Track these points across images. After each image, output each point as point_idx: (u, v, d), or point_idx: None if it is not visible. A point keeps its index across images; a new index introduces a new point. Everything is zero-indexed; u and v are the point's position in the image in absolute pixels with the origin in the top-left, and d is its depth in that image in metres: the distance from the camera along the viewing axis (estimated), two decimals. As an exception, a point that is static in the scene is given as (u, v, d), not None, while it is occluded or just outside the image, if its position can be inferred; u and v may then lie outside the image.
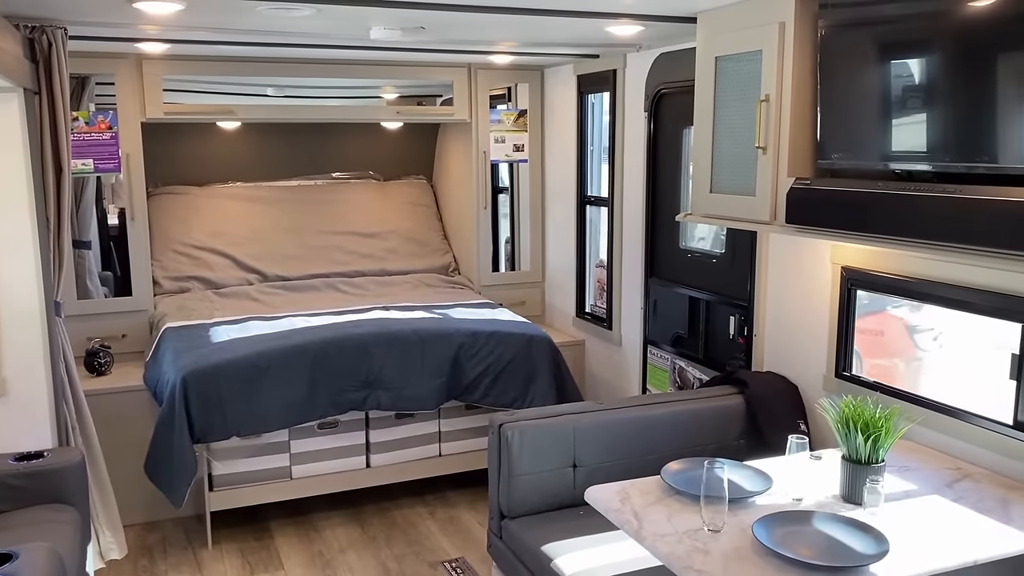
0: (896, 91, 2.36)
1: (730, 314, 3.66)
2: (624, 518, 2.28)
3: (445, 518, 4.14)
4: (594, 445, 3.03)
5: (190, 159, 5.27)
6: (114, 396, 3.98)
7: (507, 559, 2.94)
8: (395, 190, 5.55)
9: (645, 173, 4.13)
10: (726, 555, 2.05)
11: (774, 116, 2.67)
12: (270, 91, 5.60)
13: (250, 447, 3.90)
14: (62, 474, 2.97)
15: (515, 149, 5.08)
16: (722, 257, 3.73)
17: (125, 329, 4.47)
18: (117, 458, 3.75)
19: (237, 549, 3.86)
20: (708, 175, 3.01)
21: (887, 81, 2.39)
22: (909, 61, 2.36)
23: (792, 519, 2.18)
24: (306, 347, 3.79)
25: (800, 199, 2.58)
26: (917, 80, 2.31)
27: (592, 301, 4.86)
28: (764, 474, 2.47)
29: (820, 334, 3.12)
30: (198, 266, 4.90)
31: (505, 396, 4.04)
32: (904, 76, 2.36)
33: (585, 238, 4.84)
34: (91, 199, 4.90)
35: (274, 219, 5.18)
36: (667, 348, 4.09)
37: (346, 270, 5.09)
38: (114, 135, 4.26)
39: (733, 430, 3.20)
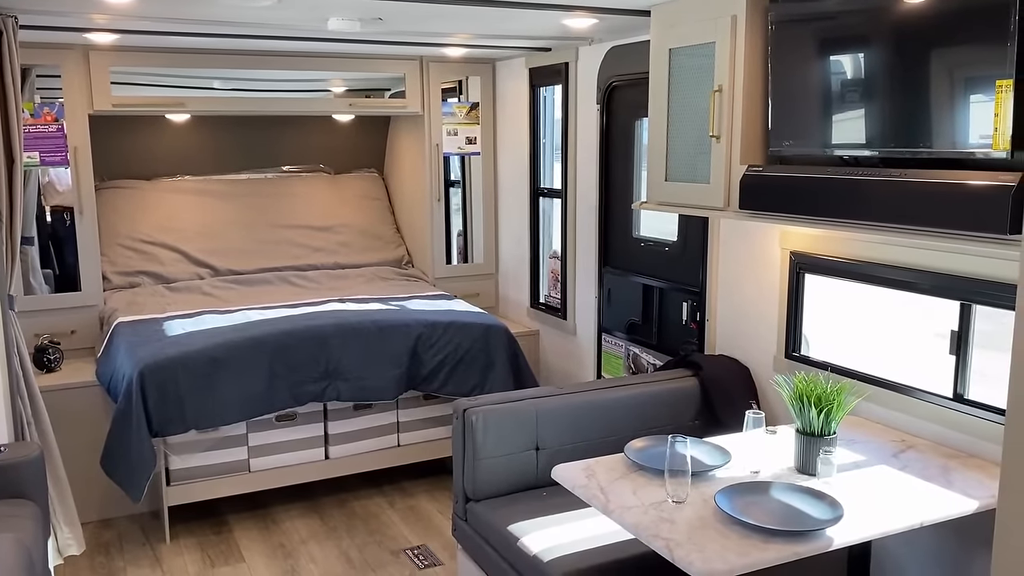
0: (842, 81, 2.48)
1: (683, 300, 3.76)
2: (591, 493, 2.35)
3: (405, 507, 4.17)
4: (556, 428, 3.10)
5: (138, 153, 5.19)
6: (66, 392, 3.92)
7: (473, 541, 2.99)
8: (346, 183, 5.55)
9: (598, 164, 4.22)
10: (691, 524, 2.13)
11: (727, 106, 2.77)
12: (216, 84, 5.55)
13: (208, 441, 3.87)
14: (20, 469, 2.92)
15: (467, 142, 5.12)
16: (674, 245, 3.84)
17: (74, 325, 4.39)
18: (70, 455, 3.68)
19: (196, 543, 3.84)
20: (663, 164, 3.11)
21: (833, 72, 2.51)
22: (853, 53, 2.48)
23: (751, 489, 2.28)
24: (264, 339, 3.79)
25: (752, 185, 2.69)
26: (861, 71, 2.44)
27: (546, 292, 4.94)
28: (723, 449, 2.57)
29: (770, 317, 3.25)
30: (148, 261, 4.83)
31: (464, 385, 4.09)
32: (849, 67, 2.48)
33: (539, 230, 4.91)
34: (33, 194, 4.79)
35: (225, 213, 5.14)
36: (621, 335, 4.19)
37: (299, 264, 5.08)
38: (61, 127, 4.18)
39: (688, 411, 3.31)
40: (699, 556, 1.98)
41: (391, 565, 3.63)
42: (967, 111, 2.13)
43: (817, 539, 2.05)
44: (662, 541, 2.05)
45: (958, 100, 2.16)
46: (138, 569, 3.61)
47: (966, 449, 2.58)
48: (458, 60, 4.98)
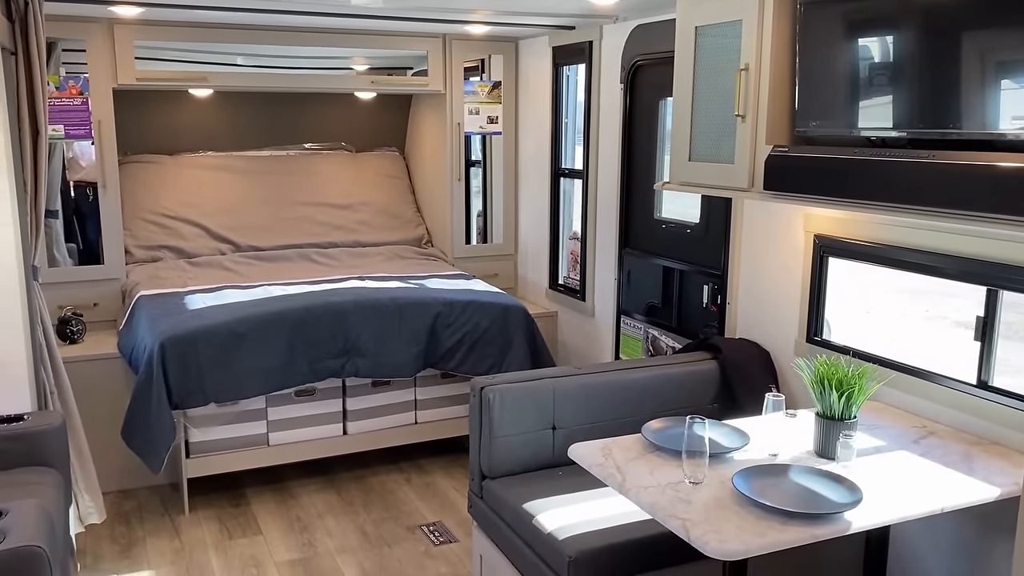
0: (871, 61, 2.44)
1: (704, 283, 3.74)
2: (607, 472, 2.34)
3: (421, 484, 4.19)
4: (573, 408, 3.09)
5: (161, 128, 5.21)
6: (88, 364, 3.96)
7: (488, 519, 3.00)
8: (368, 162, 5.54)
9: (620, 145, 4.18)
10: (707, 504, 2.12)
11: (753, 85, 2.73)
12: (240, 60, 5.55)
13: (227, 414, 3.90)
14: (43, 437, 2.95)
15: (489, 121, 5.10)
16: (696, 227, 3.81)
17: (97, 298, 4.43)
18: (91, 425, 3.73)
19: (214, 515, 3.88)
20: (687, 143, 3.07)
21: (862, 52, 2.47)
22: (883, 33, 2.43)
23: (769, 472, 2.26)
24: (284, 314, 3.80)
25: (778, 166, 2.65)
26: (890, 52, 2.39)
27: (565, 273, 4.92)
28: (741, 431, 2.55)
29: (792, 301, 3.22)
30: (170, 235, 4.86)
31: (481, 365, 4.09)
32: (878, 48, 2.43)
33: (559, 211, 4.89)
34: (58, 168, 4.83)
35: (246, 189, 5.15)
36: (640, 318, 4.17)
37: (319, 241, 5.09)
38: (85, 101, 4.21)
39: (707, 394, 3.29)
40: (715, 536, 1.97)
41: (407, 541, 3.66)
42: (998, 93, 2.09)
43: (835, 522, 2.03)
44: (678, 521, 2.05)
45: (989, 82, 2.12)
46: (157, 539, 3.65)
47: (989, 436, 2.55)
48: (481, 38, 4.95)
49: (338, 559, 3.51)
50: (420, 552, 3.57)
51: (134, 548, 3.58)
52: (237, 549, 3.58)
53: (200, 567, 3.43)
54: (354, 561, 3.49)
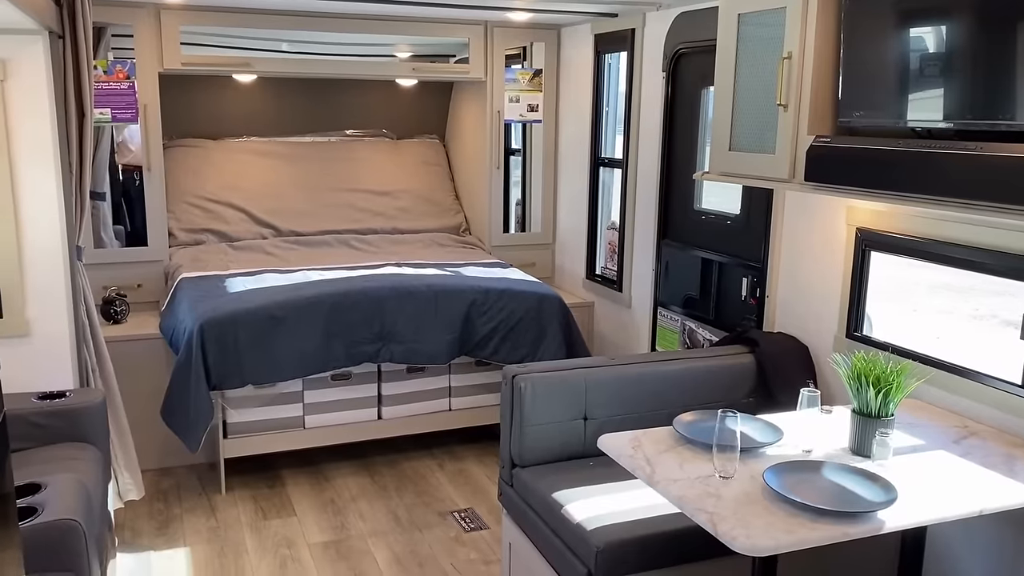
0: (919, 50, 2.37)
1: (743, 276, 3.68)
2: (636, 464, 2.32)
3: (454, 470, 4.21)
4: (605, 398, 3.07)
5: (206, 113, 5.28)
6: (130, 343, 4.04)
7: (518, 507, 3.00)
8: (408, 149, 5.56)
9: (661, 134, 4.14)
10: (737, 499, 2.09)
11: (796, 74, 2.67)
12: (284, 46, 5.60)
13: (264, 396, 3.96)
14: (84, 413, 3.02)
15: (529, 109, 5.08)
16: (736, 219, 3.75)
17: (140, 279, 4.52)
18: (132, 404, 3.81)
19: (250, 495, 3.94)
20: (727, 133, 3.02)
21: (910, 40, 2.40)
22: (932, 21, 2.36)
23: (802, 468, 2.22)
24: (322, 299, 3.83)
25: (820, 156, 2.60)
26: (940, 40, 2.32)
27: (603, 263, 4.89)
28: (775, 426, 2.51)
29: (832, 295, 3.15)
30: (213, 219, 4.93)
31: (515, 353, 4.09)
32: (927, 36, 2.36)
33: (597, 200, 4.86)
34: (106, 151, 4.93)
35: (289, 175, 5.21)
36: (677, 310, 4.12)
37: (359, 227, 5.12)
38: (132, 85, 4.28)
39: (743, 388, 3.24)
40: (743, 532, 1.94)
41: (438, 526, 3.67)
42: (1052, 83, 2.01)
43: (868, 521, 1.99)
44: (706, 515, 2.02)
45: (1044, 72, 2.04)
46: (194, 517, 3.72)
47: (1033, 438, 2.47)
48: (523, 25, 4.92)
49: (369, 542, 3.54)
50: (451, 538, 3.58)
51: (171, 525, 3.65)
52: (271, 529, 3.63)
53: (235, 546, 3.49)
54: (385, 544, 3.52)
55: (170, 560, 3.37)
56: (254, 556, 3.42)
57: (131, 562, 3.34)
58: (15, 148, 2.99)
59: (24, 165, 3.03)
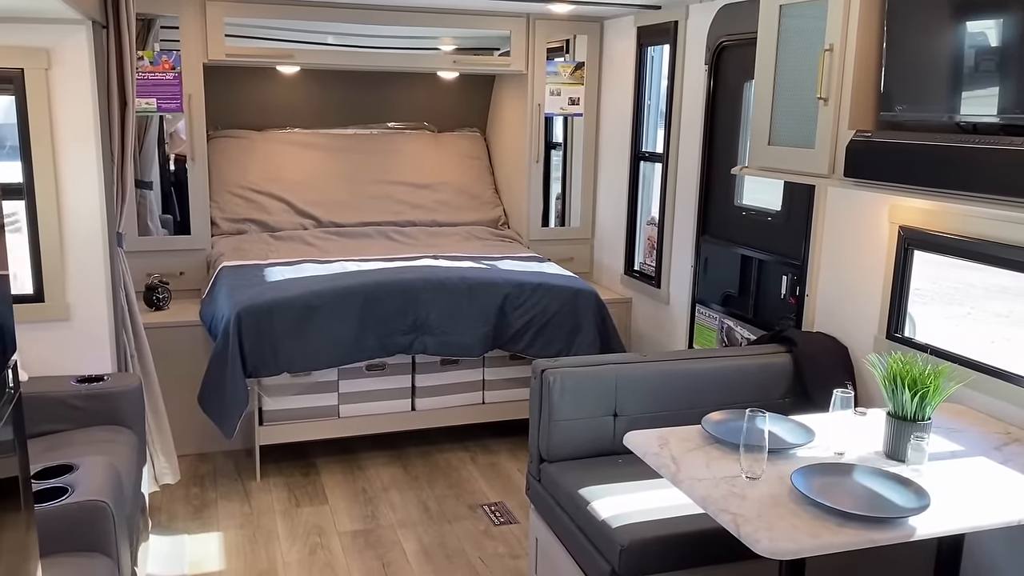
0: (967, 43, 2.28)
1: (783, 273, 3.61)
2: (662, 462, 2.29)
3: (486, 464, 4.20)
4: (636, 395, 3.03)
5: (250, 104, 5.34)
6: (171, 330, 4.11)
7: (544, 502, 2.98)
8: (449, 142, 5.56)
9: (703, 128, 4.07)
10: (762, 501, 2.05)
11: (837, 66, 2.60)
12: (331, 39, 5.63)
13: (300, 384, 4.00)
14: (121, 397, 3.08)
15: (570, 103, 5.04)
16: (777, 215, 3.67)
17: (183, 267, 4.59)
18: (172, 390, 3.88)
19: (284, 483, 3.98)
20: (767, 127, 2.96)
21: (958, 32, 2.31)
22: (981, 13, 2.27)
23: (832, 470, 2.16)
24: (356, 289, 3.85)
25: (860, 151, 2.52)
26: (989, 32, 2.23)
27: (641, 259, 4.84)
28: (806, 428, 2.46)
29: (873, 295, 3.07)
30: (255, 209, 4.99)
31: (549, 347, 4.06)
32: (976, 27, 2.27)
33: (637, 195, 4.80)
34: (153, 140, 5.02)
35: (330, 166, 5.25)
36: (716, 307, 4.06)
37: (398, 219, 5.14)
38: (177, 75, 4.34)
39: (779, 388, 3.18)
40: (767, 534, 1.89)
41: (467, 519, 3.67)
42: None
43: (897, 527, 1.93)
44: (730, 516, 1.98)
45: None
46: (228, 503, 3.77)
47: (1080, 447, 2.37)
48: (565, 18, 4.88)
49: (399, 532, 3.55)
50: (479, 531, 3.58)
51: (206, 510, 3.71)
52: (303, 517, 3.66)
53: (266, 532, 3.53)
54: (414, 535, 3.53)
55: (203, 544, 3.42)
56: (285, 543, 3.45)
57: (165, 545, 3.40)
58: (58, 135, 3.06)
59: (67, 153, 3.09)
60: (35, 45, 2.97)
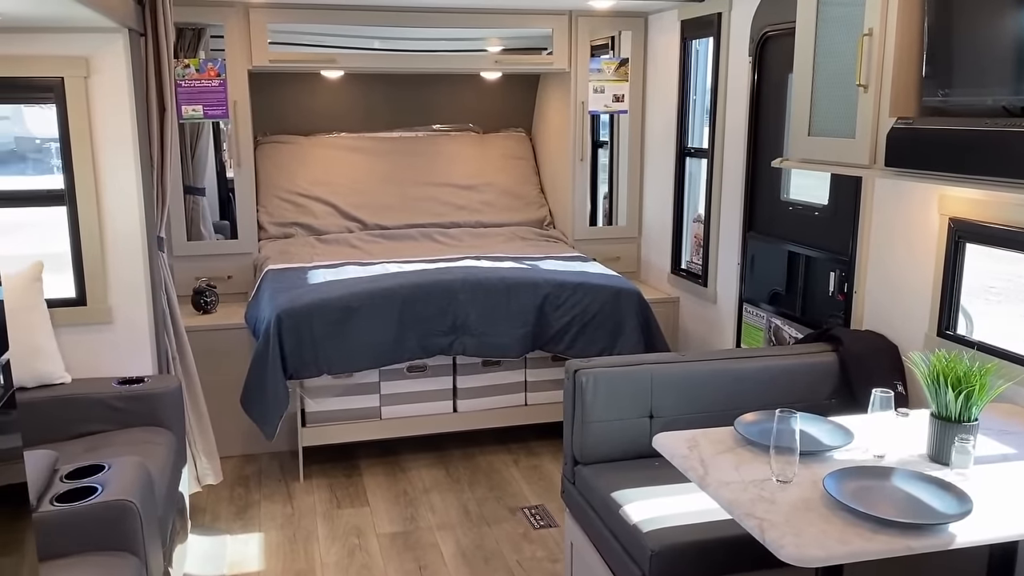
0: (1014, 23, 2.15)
1: (830, 270, 3.48)
2: (689, 464, 2.21)
3: (528, 466, 4.16)
4: (673, 396, 2.95)
5: (297, 110, 5.41)
6: (217, 333, 4.17)
7: (579, 505, 2.92)
8: (494, 143, 5.54)
9: (747, 122, 3.96)
10: (793, 505, 1.95)
11: (877, 51, 2.48)
12: (376, 44, 5.67)
13: (341, 386, 4.01)
14: (160, 399, 3.13)
15: (615, 100, 4.96)
16: (824, 209, 3.54)
17: (231, 271, 4.66)
18: (218, 392, 3.94)
19: (327, 484, 4.00)
20: (806, 117, 2.85)
21: (1005, 11, 2.18)
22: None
23: (868, 474, 2.06)
24: (395, 291, 3.85)
25: (902, 139, 2.40)
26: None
27: (688, 257, 4.73)
28: (845, 429, 2.35)
29: (924, 291, 2.92)
30: (302, 213, 5.04)
31: (591, 348, 3.99)
32: (1023, 4, 2.14)
33: (683, 192, 4.70)
34: (205, 147, 5.11)
35: (376, 170, 5.27)
36: (763, 306, 3.94)
37: (442, 221, 5.13)
38: (222, 82, 4.41)
39: (824, 388, 3.06)
40: (793, 540, 1.80)
41: (507, 522, 3.63)
42: None
43: (935, 534, 1.82)
44: (755, 521, 1.89)
45: None
46: (271, 503, 3.81)
47: None
48: (607, 13, 4.81)
49: (437, 535, 3.53)
50: (519, 534, 3.53)
51: (249, 510, 3.74)
52: (343, 518, 3.67)
53: (307, 533, 3.54)
54: (452, 538, 3.50)
55: (244, 544, 3.45)
56: (324, 544, 3.46)
57: (207, 544, 3.44)
58: (98, 142, 3.12)
59: (106, 158, 3.16)
60: (74, 54, 3.04)
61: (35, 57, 3.01)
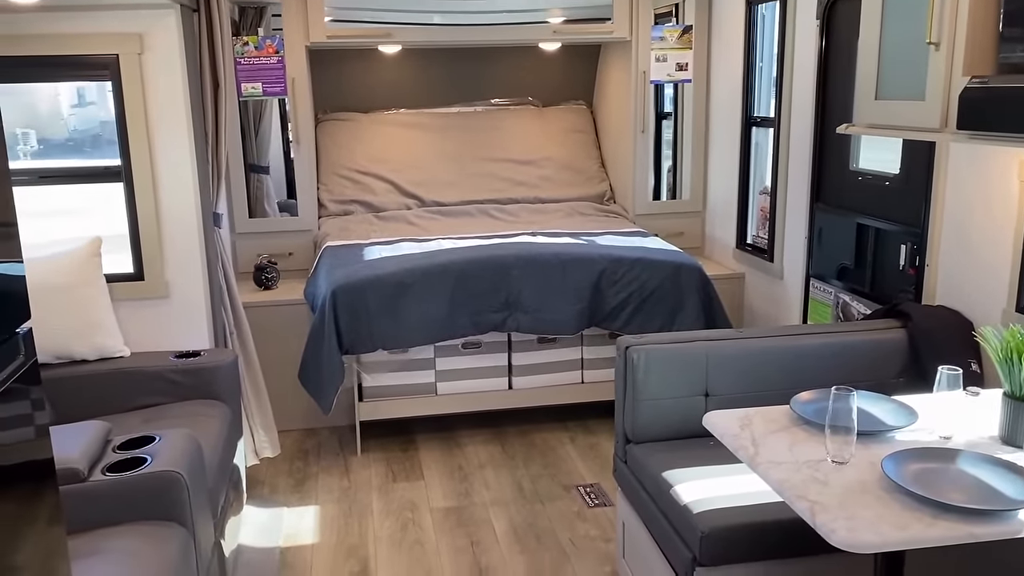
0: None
1: (901, 242, 3.30)
2: (740, 444, 2.12)
3: (585, 445, 4.09)
4: (730, 374, 2.84)
5: (356, 87, 5.40)
6: (278, 308, 4.21)
7: (630, 484, 2.85)
8: (554, 116, 5.44)
9: (815, 89, 3.78)
10: (847, 488, 1.85)
11: (950, 6, 2.31)
12: (436, 19, 5.61)
13: (397, 362, 4.01)
14: (216, 372, 3.17)
15: (678, 68, 4.81)
16: (895, 179, 3.36)
17: (292, 248, 4.71)
18: (279, 367, 3.99)
19: (384, 458, 4.01)
20: (874, 79, 2.69)
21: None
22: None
23: (931, 456, 1.93)
24: (448, 267, 3.82)
25: (976, 99, 2.24)
26: None
27: (754, 231, 4.57)
28: (909, 408, 2.21)
29: (1002, 264, 2.74)
30: (361, 190, 5.05)
31: (649, 325, 3.90)
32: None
33: (749, 163, 4.53)
34: (269, 126, 5.17)
35: (434, 146, 5.24)
36: (831, 281, 3.77)
37: (500, 197, 5.07)
38: (281, 59, 4.43)
39: (892, 367, 2.90)
40: (846, 524, 1.70)
41: (561, 499, 3.58)
42: None
43: (1003, 521, 1.69)
44: (807, 503, 1.80)
45: None
46: (328, 476, 3.84)
47: None
48: (670, -20, 4.66)
49: (490, 511, 3.50)
50: (572, 512, 3.48)
51: (307, 483, 3.78)
52: (398, 492, 3.68)
53: (361, 507, 3.56)
54: (505, 515, 3.47)
55: (299, 517, 3.49)
56: (378, 518, 3.47)
57: (263, 516, 3.49)
58: (152, 119, 3.16)
59: (161, 135, 3.19)
60: (128, 31, 3.07)
61: (89, 35, 3.05)
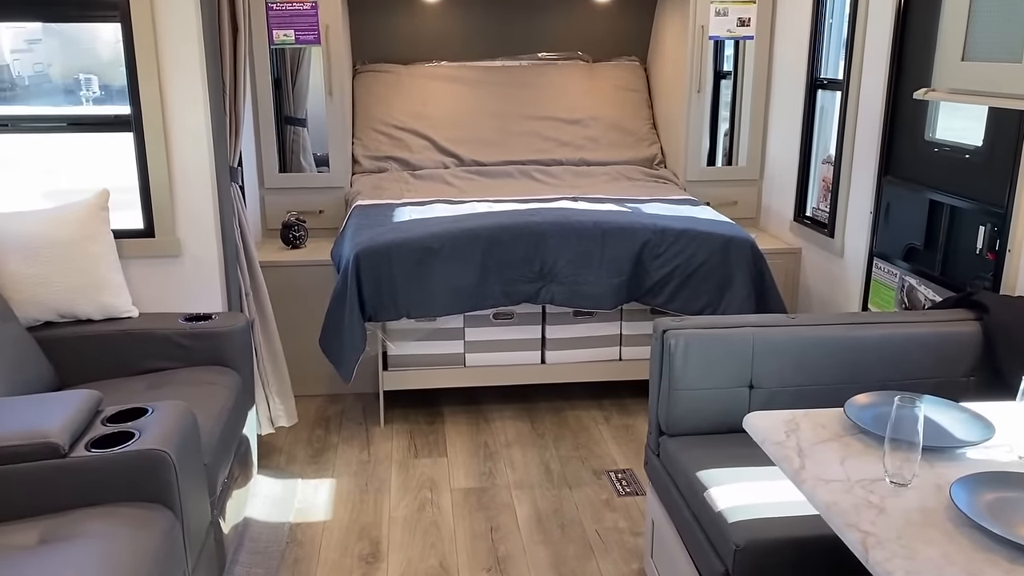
0: None
1: (980, 223, 2.96)
2: (784, 453, 1.85)
3: (620, 426, 3.86)
4: (779, 365, 2.56)
5: (397, 36, 5.14)
6: (304, 268, 4.04)
7: (661, 480, 2.61)
8: (604, 72, 5.11)
9: (890, 49, 3.41)
10: (908, 517, 1.58)
11: (1060, -50, 1.97)
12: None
13: (424, 330, 3.81)
14: (226, 338, 3.00)
15: (739, 24, 4.45)
16: (977, 152, 3.00)
17: (323, 205, 4.52)
18: (303, 329, 3.84)
19: (407, 430, 3.84)
20: (961, 37, 2.34)
21: None
22: None
23: (1010, 482, 1.65)
24: (479, 232, 3.58)
25: (1084, 63, 1.90)
26: None
27: (814, 203, 4.23)
28: (984, 420, 1.92)
29: (1099, 253, 2.41)
30: (397, 147, 4.82)
31: (694, 303, 3.62)
32: None
33: (812, 129, 4.18)
34: (307, 77, 4.95)
35: (476, 102, 4.97)
36: (897, 262, 3.44)
37: (543, 158, 4.79)
38: (314, 5, 4.20)
39: (962, 364, 2.60)
40: (904, 563, 1.44)
41: (589, 485, 3.36)
42: None
43: (1097, 575, 1.41)
44: (859, 534, 1.54)
45: None
46: (348, 448, 3.68)
47: None
48: (734, -74, 4.28)
49: (513, 494, 3.30)
50: (601, 500, 3.26)
51: (325, 454, 3.63)
52: (419, 469, 3.50)
53: (378, 482, 3.39)
54: (529, 499, 3.27)
55: (314, 490, 3.33)
56: (395, 495, 3.30)
57: (277, 487, 3.34)
58: (164, 64, 2.95)
59: (173, 81, 2.99)
60: (138, -31, 2.86)
61: (98, -28, 2.85)
